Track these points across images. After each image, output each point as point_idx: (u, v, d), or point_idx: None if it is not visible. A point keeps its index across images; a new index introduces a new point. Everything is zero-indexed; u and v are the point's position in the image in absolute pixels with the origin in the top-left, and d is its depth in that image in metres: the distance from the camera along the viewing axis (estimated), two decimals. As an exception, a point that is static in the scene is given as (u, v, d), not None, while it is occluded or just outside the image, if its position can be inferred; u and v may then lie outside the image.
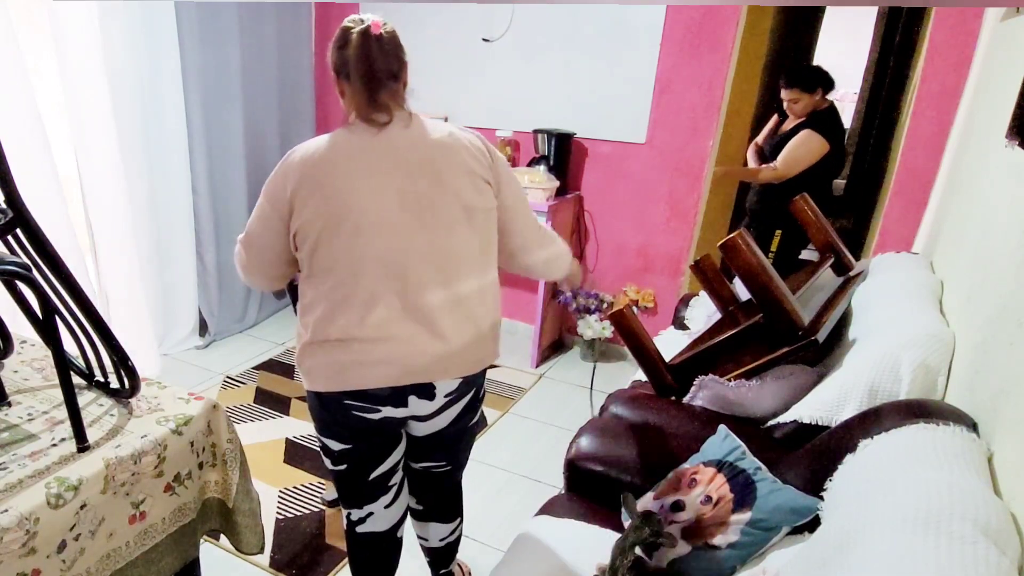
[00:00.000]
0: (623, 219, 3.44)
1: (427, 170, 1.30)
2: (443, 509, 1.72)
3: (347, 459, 1.49)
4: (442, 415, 1.45)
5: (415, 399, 1.39)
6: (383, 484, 1.55)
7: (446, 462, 1.61)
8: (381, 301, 1.31)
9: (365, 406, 1.38)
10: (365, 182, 1.28)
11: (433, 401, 1.41)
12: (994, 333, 1.35)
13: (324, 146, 1.31)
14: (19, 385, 1.50)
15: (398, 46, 1.32)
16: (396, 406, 1.39)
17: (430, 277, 1.32)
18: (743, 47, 3.09)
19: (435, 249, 1.32)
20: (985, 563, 0.87)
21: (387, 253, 1.30)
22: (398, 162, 1.30)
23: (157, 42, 2.96)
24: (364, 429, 1.43)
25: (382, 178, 1.29)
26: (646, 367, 1.94)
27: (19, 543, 1.09)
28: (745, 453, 1.43)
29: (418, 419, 1.45)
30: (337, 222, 1.28)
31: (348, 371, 1.34)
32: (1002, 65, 1.96)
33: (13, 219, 1.21)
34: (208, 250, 3.45)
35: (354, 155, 1.29)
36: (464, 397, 1.46)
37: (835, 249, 2.39)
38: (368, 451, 1.49)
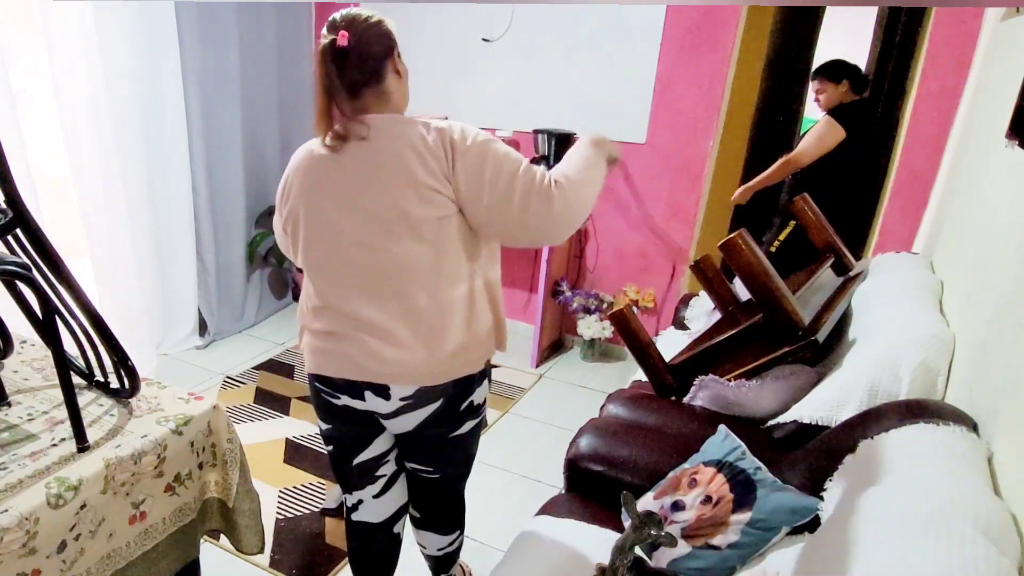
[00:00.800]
0: (623, 219, 3.44)
1: (374, 183, 1.28)
2: (440, 520, 1.70)
3: (332, 440, 1.58)
4: (403, 417, 1.43)
5: (371, 395, 1.40)
6: (369, 472, 1.58)
7: (432, 468, 1.58)
8: (338, 307, 1.36)
9: (328, 391, 1.46)
10: (320, 191, 1.33)
11: (389, 401, 1.40)
12: (994, 333, 1.35)
13: (304, 151, 1.38)
14: (19, 385, 1.50)
15: (370, 51, 1.28)
16: (353, 397, 1.43)
17: (378, 290, 1.32)
18: (743, 47, 3.09)
19: (381, 264, 1.31)
20: (985, 563, 0.87)
21: (335, 265, 1.34)
22: (348, 176, 1.30)
23: (157, 42, 2.96)
24: (332, 412, 1.51)
25: (334, 190, 1.31)
26: (646, 367, 1.94)
27: (19, 543, 1.09)
28: (745, 453, 1.43)
29: (380, 416, 1.45)
30: (300, 226, 1.37)
31: (317, 356, 1.42)
32: (1002, 65, 1.96)
33: (13, 219, 1.21)
34: (208, 250, 3.45)
35: (317, 164, 1.34)
36: (428, 405, 1.41)
37: (835, 249, 2.40)
38: (345, 433, 1.54)
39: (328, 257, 1.34)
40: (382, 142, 1.29)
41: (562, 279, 3.53)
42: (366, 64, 1.28)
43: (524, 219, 1.31)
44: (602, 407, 1.92)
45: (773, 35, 3.84)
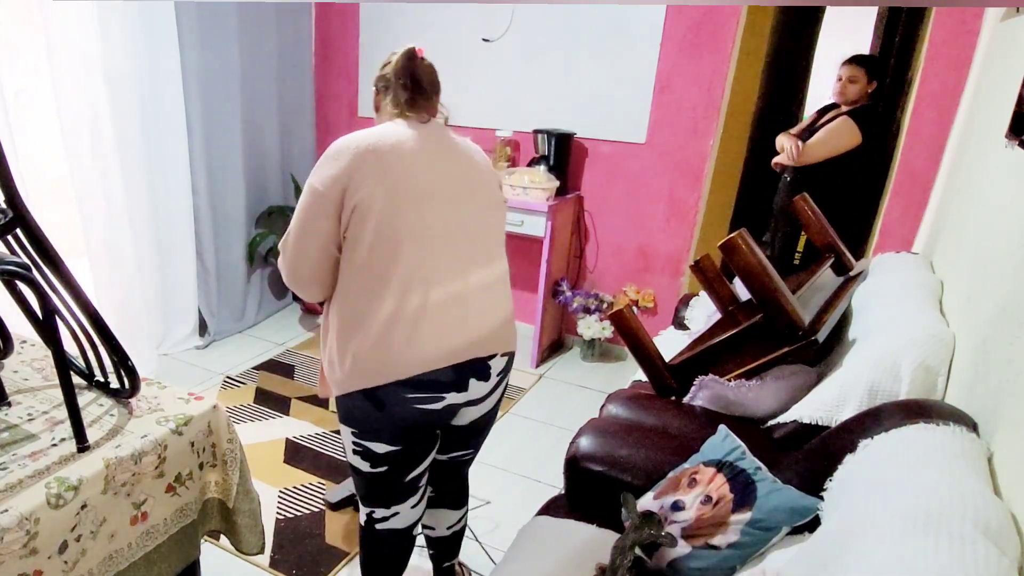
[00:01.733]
0: (623, 219, 3.44)
1: (467, 160, 1.48)
2: (455, 496, 1.78)
3: (390, 461, 1.46)
4: (491, 397, 1.53)
5: (474, 382, 1.45)
6: (415, 485, 1.55)
7: (473, 449, 1.70)
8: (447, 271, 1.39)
9: (428, 396, 1.38)
10: (421, 162, 1.39)
11: (488, 381, 1.48)
12: (994, 333, 1.35)
13: (375, 134, 1.39)
14: (19, 385, 1.50)
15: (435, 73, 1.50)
16: (459, 391, 1.43)
17: (482, 254, 1.47)
18: (743, 47, 3.09)
19: (482, 225, 1.48)
20: (985, 563, 0.87)
21: (451, 224, 1.41)
22: (443, 150, 1.44)
23: (157, 42, 2.96)
24: (421, 424, 1.42)
25: (435, 159, 1.42)
26: (646, 367, 1.94)
27: (20, 543, 1.09)
28: (745, 453, 1.43)
29: (472, 403, 1.49)
30: (401, 196, 1.35)
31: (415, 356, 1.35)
32: (1002, 65, 1.96)
33: (13, 219, 1.21)
34: (208, 250, 3.45)
35: (405, 140, 1.39)
36: (507, 375, 1.56)
37: (835, 249, 2.40)
38: (414, 450, 1.48)
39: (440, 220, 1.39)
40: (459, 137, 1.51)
41: (562, 279, 3.53)
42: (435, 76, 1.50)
43: None
44: (602, 407, 1.92)
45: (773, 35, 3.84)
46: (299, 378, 3.20)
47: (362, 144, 1.35)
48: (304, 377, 3.22)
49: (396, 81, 1.44)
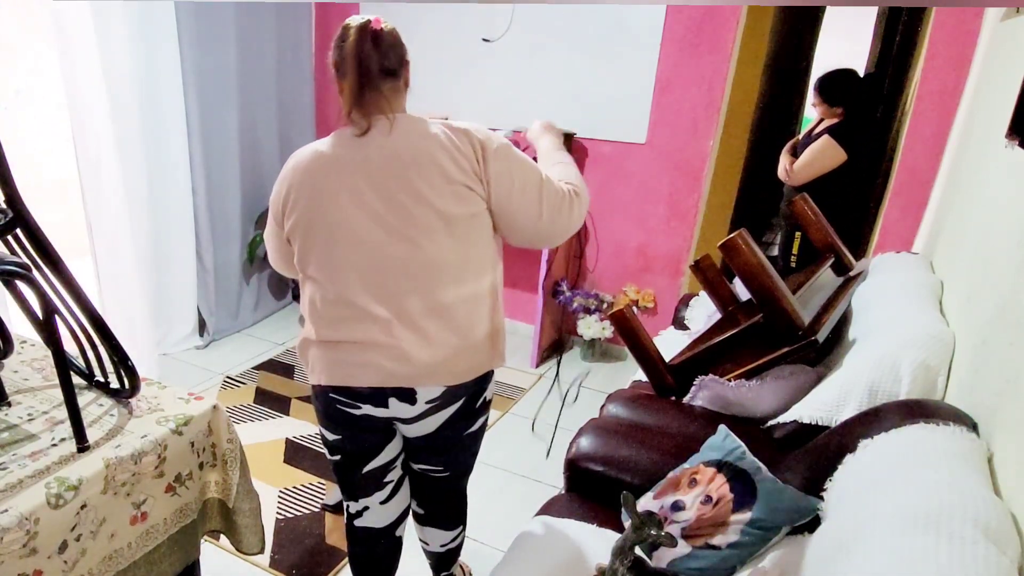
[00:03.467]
0: (623, 219, 3.44)
1: (402, 181, 1.28)
2: (444, 516, 1.72)
3: (340, 450, 1.52)
4: (427, 420, 1.44)
5: (395, 401, 1.39)
6: (378, 479, 1.55)
7: (443, 467, 1.59)
8: (364, 308, 1.32)
9: (347, 401, 1.41)
10: (340, 193, 1.29)
11: (414, 406, 1.40)
12: (994, 333, 1.35)
13: (311, 153, 1.33)
14: (19, 385, 1.50)
15: (397, 43, 1.31)
16: (376, 405, 1.40)
17: (409, 287, 1.31)
18: (743, 47, 3.09)
19: (412, 259, 1.30)
20: (985, 563, 0.87)
21: (362, 263, 1.30)
22: (372, 173, 1.29)
23: (156, 42, 2.96)
24: (348, 422, 1.45)
25: (357, 189, 1.29)
26: (646, 367, 1.94)
27: (20, 543, 1.09)
28: (745, 453, 1.43)
29: (402, 421, 1.45)
30: (315, 231, 1.32)
31: (335, 368, 1.38)
32: (1002, 65, 1.96)
33: (13, 219, 1.21)
34: (207, 250, 3.45)
35: (333, 164, 1.30)
36: (452, 405, 1.43)
37: (835, 249, 2.40)
38: (358, 443, 1.50)
39: (353, 257, 1.30)
40: (408, 139, 1.30)
41: (562, 279, 3.53)
42: (395, 52, 1.31)
43: (547, 226, 1.41)
44: (602, 407, 1.92)
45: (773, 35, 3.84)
46: (299, 378, 3.20)
47: (296, 169, 1.34)
48: (304, 377, 3.22)
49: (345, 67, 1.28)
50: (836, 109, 2.90)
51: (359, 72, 1.27)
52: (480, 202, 1.34)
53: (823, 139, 2.86)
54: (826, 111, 2.94)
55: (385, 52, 1.29)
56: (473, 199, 1.33)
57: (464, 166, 1.31)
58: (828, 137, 2.85)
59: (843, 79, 2.91)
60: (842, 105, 2.89)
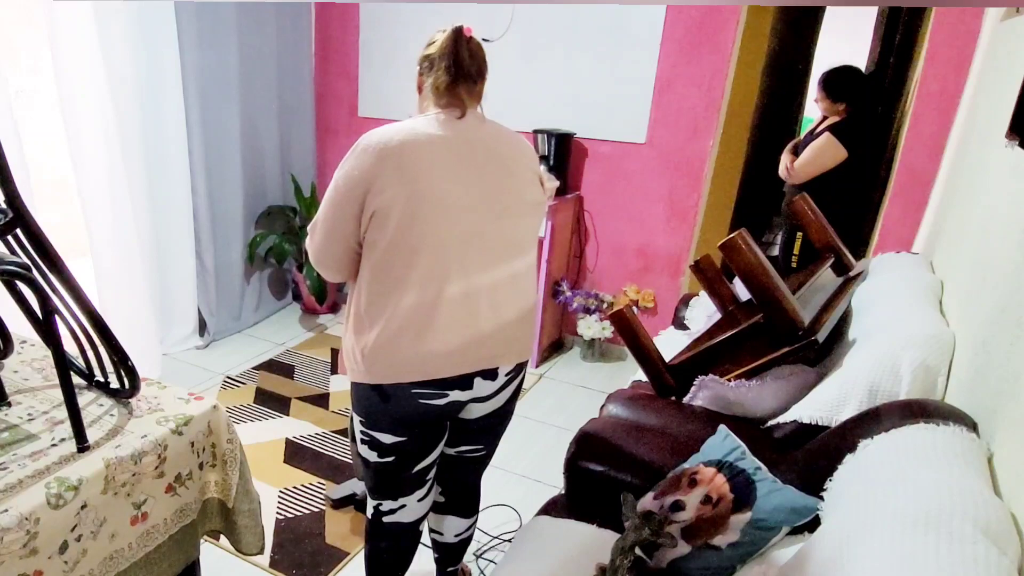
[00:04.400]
0: (623, 219, 3.44)
1: (499, 164, 1.40)
2: (464, 503, 1.76)
3: (396, 451, 1.49)
4: (500, 394, 1.52)
5: (479, 380, 1.45)
6: (422, 478, 1.58)
7: (483, 446, 1.65)
8: (460, 280, 1.37)
9: (433, 392, 1.41)
10: (445, 167, 1.34)
11: (495, 381, 1.47)
12: (994, 333, 1.35)
13: (403, 131, 1.34)
14: (19, 385, 1.50)
15: (483, 54, 1.45)
16: (463, 389, 1.44)
17: (499, 261, 1.41)
18: (743, 47, 3.09)
19: (504, 236, 1.41)
20: (985, 563, 0.87)
21: (467, 235, 1.36)
22: (474, 153, 1.38)
23: (157, 43, 2.96)
24: (425, 417, 1.45)
25: (461, 165, 1.36)
26: (646, 367, 1.94)
27: (20, 543, 1.09)
28: (745, 453, 1.43)
29: (479, 400, 1.49)
30: (420, 203, 1.32)
31: (423, 362, 1.38)
32: (1002, 65, 1.96)
33: (13, 219, 1.21)
34: (207, 250, 3.45)
35: (434, 141, 1.34)
36: (518, 377, 1.54)
37: (835, 249, 2.40)
38: (420, 442, 1.50)
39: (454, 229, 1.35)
40: (503, 132, 1.46)
41: (562, 279, 3.53)
42: (482, 58, 1.44)
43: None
44: (602, 407, 1.92)
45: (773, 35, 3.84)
46: (299, 378, 3.20)
47: (388, 145, 1.32)
48: (304, 377, 3.22)
49: (439, 63, 1.38)
50: (839, 106, 2.90)
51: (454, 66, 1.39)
52: (542, 194, 1.51)
53: (824, 136, 2.86)
54: (829, 107, 2.94)
55: (474, 55, 1.42)
56: (540, 190, 1.50)
57: (535, 164, 1.51)
58: (829, 134, 2.84)
59: (847, 75, 2.91)
60: (845, 101, 2.89)
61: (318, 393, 3.07)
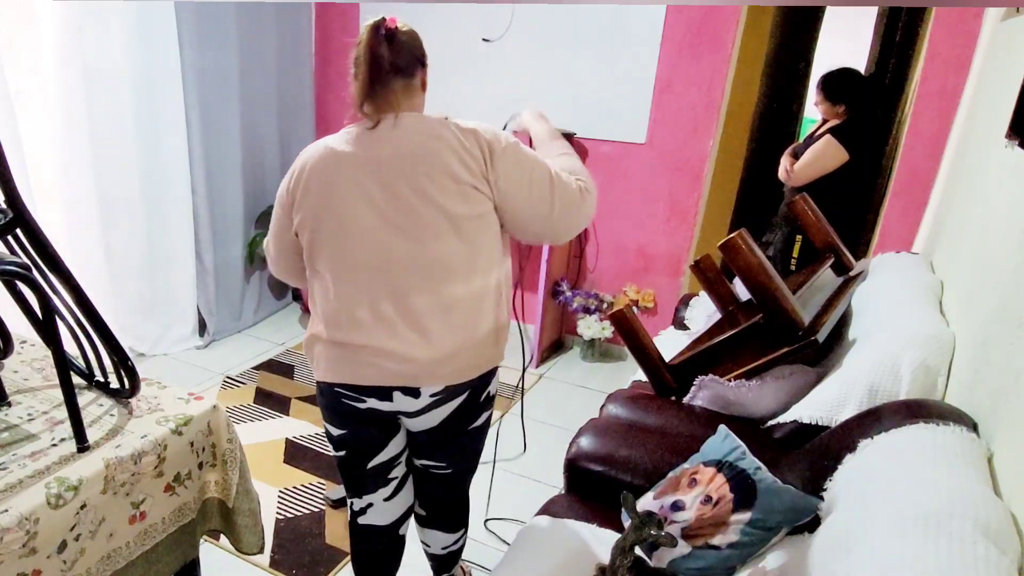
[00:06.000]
0: (623, 219, 3.43)
1: (410, 180, 1.29)
2: (446, 518, 1.72)
3: (344, 445, 1.52)
4: (431, 413, 1.44)
5: (400, 395, 1.40)
6: (382, 475, 1.56)
7: (445, 463, 1.59)
8: (369, 306, 1.33)
9: (352, 396, 1.41)
10: (349, 189, 1.30)
11: (418, 399, 1.41)
12: (994, 333, 1.35)
13: (321, 148, 1.34)
14: (19, 385, 1.50)
15: (413, 44, 1.36)
16: (381, 399, 1.41)
17: (414, 285, 1.32)
18: (743, 47, 3.09)
19: (418, 258, 1.31)
20: (985, 563, 0.87)
21: (370, 260, 1.32)
22: (381, 170, 1.30)
23: (156, 42, 2.96)
24: (353, 416, 1.46)
25: (364, 186, 1.30)
26: (646, 367, 1.94)
27: (19, 543, 1.10)
28: (745, 453, 1.43)
29: (406, 415, 1.45)
30: (323, 226, 1.32)
31: (341, 365, 1.38)
32: (1002, 65, 1.96)
33: (13, 219, 1.21)
34: (207, 250, 3.45)
35: (342, 161, 1.31)
36: (456, 398, 1.44)
37: (835, 249, 2.40)
38: (362, 438, 1.50)
39: (361, 253, 1.31)
40: (417, 139, 1.31)
41: (562, 279, 3.53)
42: (410, 51, 1.34)
43: (558, 221, 1.41)
44: (602, 407, 1.92)
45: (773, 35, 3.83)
46: (299, 378, 3.20)
47: (308, 161, 1.33)
48: (304, 377, 3.22)
49: (357, 68, 1.32)
50: (838, 108, 2.89)
51: (370, 68, 1.30)
52: (487, 202, 1.35)
53: (825, 139, 2.86)
54: (828, 110, 2.93)
55: (398, 50, 1.32)
56: (480, 199, 1.33)
57: (472, 167, 1.31)
58: (830, 137, 2.84)
59: (845, 77, 2.90)
60: (844, 103, 2.88)
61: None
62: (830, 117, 2.95)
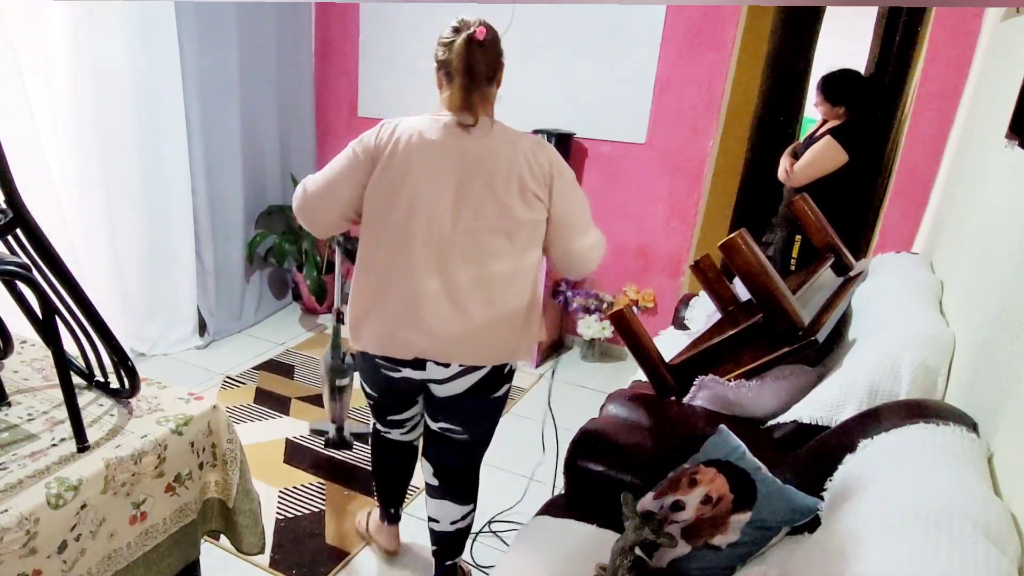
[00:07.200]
0: (623, 219, 3.44)
1: (485, 179, 1.47)
2: (458, 488, 1.82)
3: (374, 399, 1.81)
4: (456, 381, 1.61)
5: (432, 365, 1.59)
6: (401, 423, 1.87)
7: (462, 428, 1.72)
8: (419, 279, 1.50)
9: (390, 366, 1.62)
10: (431, 173, 1.47)
11: (448, 368, 1.59)
12: (994, 333, 1.35)
13: (417, 129, 1.49)
14: (19, 385, 1.50)
15: (497, 49, 1.53)
16: (415, 369, 1.61)
17: (465, 272, 1.51)
18: (743, 47, 3.09)
19: (471, 251, 1.50)
20: (985, 563, 0.87)
21: (429, 240, 1.49)
22: (464, 165, 1.48)
23: (156, 42, 2.96)
24: (386, 383, 1.69)
25: (445, 174, 1.47)
26: (646, 367, 1.94)
27: (19, 543, 1.09)
28: (745, 453, 1.43)
29: (435, 382, 1.63)
30: (396, 197, 1.48)
31: (383, 340, 1.57)
32: (1002, 65, 1.96)
33: (13, 219, 1.21)
34: (207, 250, 3.45)
35: (432, 147, 1.48)
36: (480, 370, 1.60)
37: (835, 249, 2.40)
38: (389, 401, 1.79)
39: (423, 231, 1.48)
40: (500, 145, 1.51)
41: (562, 279, 3.53)
42: (497, 58, 1.54)
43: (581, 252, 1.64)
44: (602, 407, 1.92)
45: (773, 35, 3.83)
46: (299, 378, 3.20)
47: (403, 135, 1.48)
48: (304, 377, 3.22)
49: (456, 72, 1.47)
50: (838, 109, 2.89)
51: (468, 76, 1.47)
52: (544, 210, 1.54)
53: (825, 140, 2.86)
54: (828, 111, 2.93)
55: (488, 59, 1.50)
56: (539, 208, 1.53)
57: (538, 176, 1.51)
58: (830, 138, 2.84)
59: (845, 79, 2.90)
60: (844, 104, 2.88)
61: (318, 393, 3.07)
62: (830, 118, 2.95)
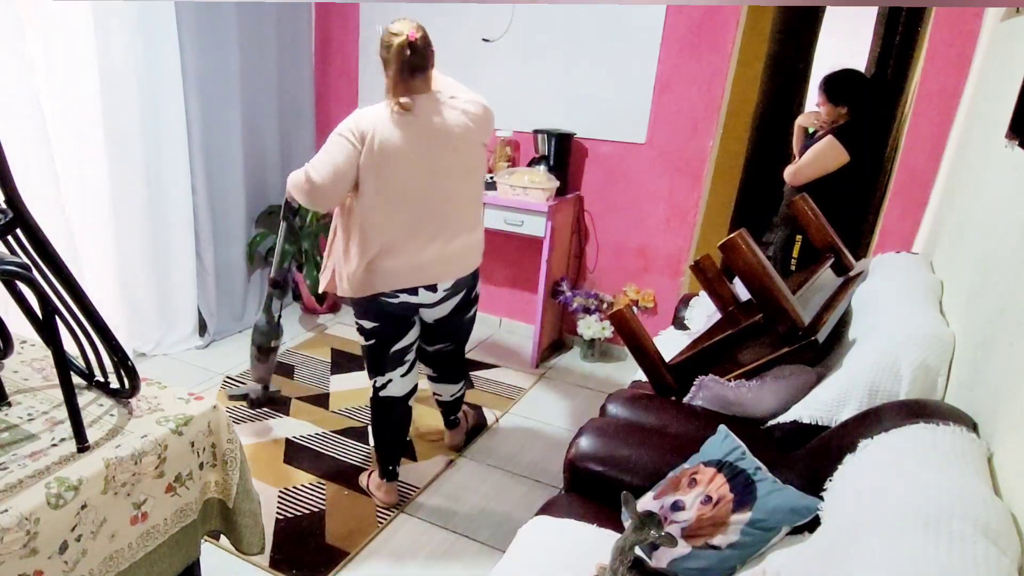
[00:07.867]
0: (623, 219, 3.44)
1: (445, 140, 1.95)
2: (452, 375, 2.46)
3: (375, 335, 2.14)
4: (442, 305, 2.15)
5: (423, 290, 2.06)
6: (400, 358, 2.19)
7: (449, 343, 2.35)
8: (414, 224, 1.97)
9: (389, 293, 2.04)
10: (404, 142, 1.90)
11: (436, 293, 2.09)
12: (994, 333, 1.35)
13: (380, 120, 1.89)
14: (19, 385, 1.50)
15: (427, 46, 1.91)
16: (410, 295, 2.06)
17: (445, 212, 2.01)
18: (743, 47, 3.09)
19: (448, 194, 2.00)
20: (985, 563, 0.87)
21: (419, 192, 1.96)
22: (424, 132, 1.92)
23: (157, 43, 2.96)
24: (386, 311, 2.08)
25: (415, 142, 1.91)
26: (646, 367, 1.94)
27: (20, 543, 1.09)
28: (745, 453, 1.43)
29: (426, 306, 2.12)
30: (386, 164, 1.90)
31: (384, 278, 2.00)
32: (1002, 65, 1.96)
33: (13, 219, 1.21)
34: (207, 250, 3.45)
35: (399, 123, 1.90)
36: (457, 294, 2.15)
37: (835, 249, 2.40)
38: (390, 329, 2.13)
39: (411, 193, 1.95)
40: (448, 114, 1.95)
41: (562, 279, 3.53)
42: (427, 54, 1.92)
43: None
44: (602, 407, 1.92)
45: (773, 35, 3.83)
46: (299, 378, 3.20)
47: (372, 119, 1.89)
48: (304, 377, 3.22)
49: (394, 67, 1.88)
50: (840, 109, 2.89)
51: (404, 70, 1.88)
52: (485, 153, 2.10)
53: (826, 139, 2.86)
54: (830, 111, 2.93)
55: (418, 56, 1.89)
56: (484, 153, 2.09)
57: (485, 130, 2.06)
58: (831, 137, 2.84)
59: (847, 78, 2.90)
60: (846, 104, 2.88)
61: (318, 393, 3.07)
62: (832, 118, 2.94)
